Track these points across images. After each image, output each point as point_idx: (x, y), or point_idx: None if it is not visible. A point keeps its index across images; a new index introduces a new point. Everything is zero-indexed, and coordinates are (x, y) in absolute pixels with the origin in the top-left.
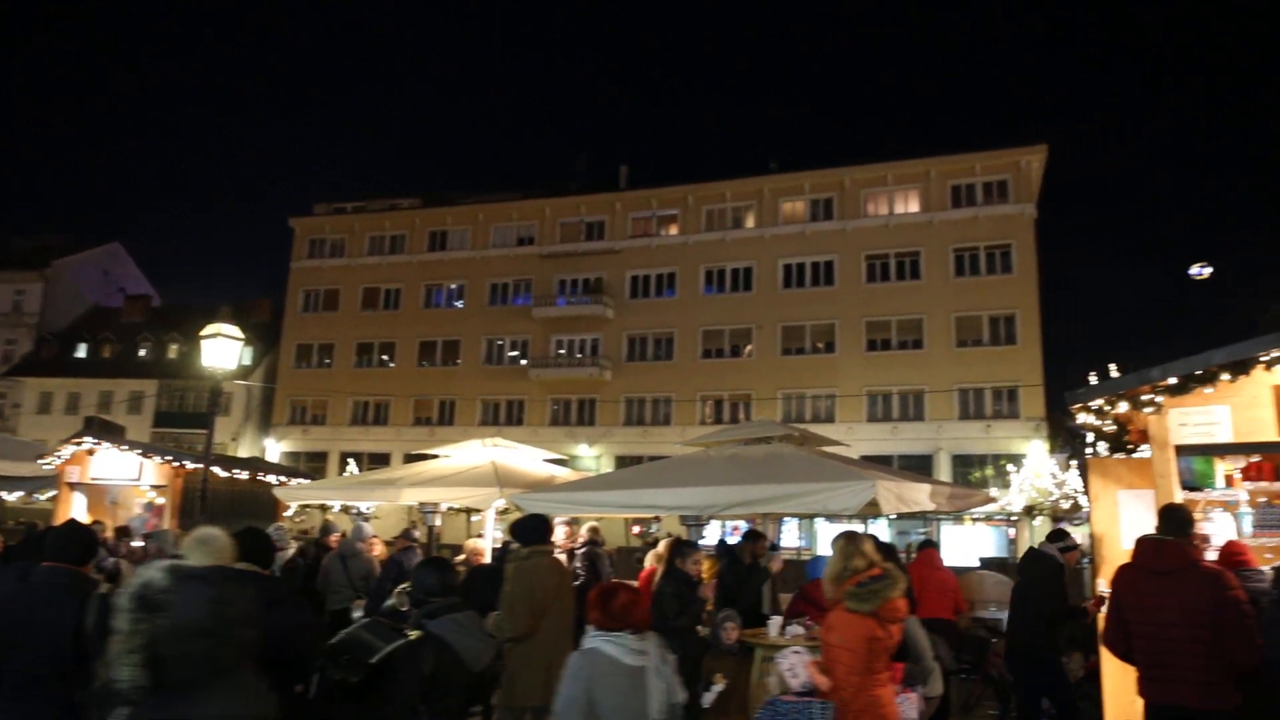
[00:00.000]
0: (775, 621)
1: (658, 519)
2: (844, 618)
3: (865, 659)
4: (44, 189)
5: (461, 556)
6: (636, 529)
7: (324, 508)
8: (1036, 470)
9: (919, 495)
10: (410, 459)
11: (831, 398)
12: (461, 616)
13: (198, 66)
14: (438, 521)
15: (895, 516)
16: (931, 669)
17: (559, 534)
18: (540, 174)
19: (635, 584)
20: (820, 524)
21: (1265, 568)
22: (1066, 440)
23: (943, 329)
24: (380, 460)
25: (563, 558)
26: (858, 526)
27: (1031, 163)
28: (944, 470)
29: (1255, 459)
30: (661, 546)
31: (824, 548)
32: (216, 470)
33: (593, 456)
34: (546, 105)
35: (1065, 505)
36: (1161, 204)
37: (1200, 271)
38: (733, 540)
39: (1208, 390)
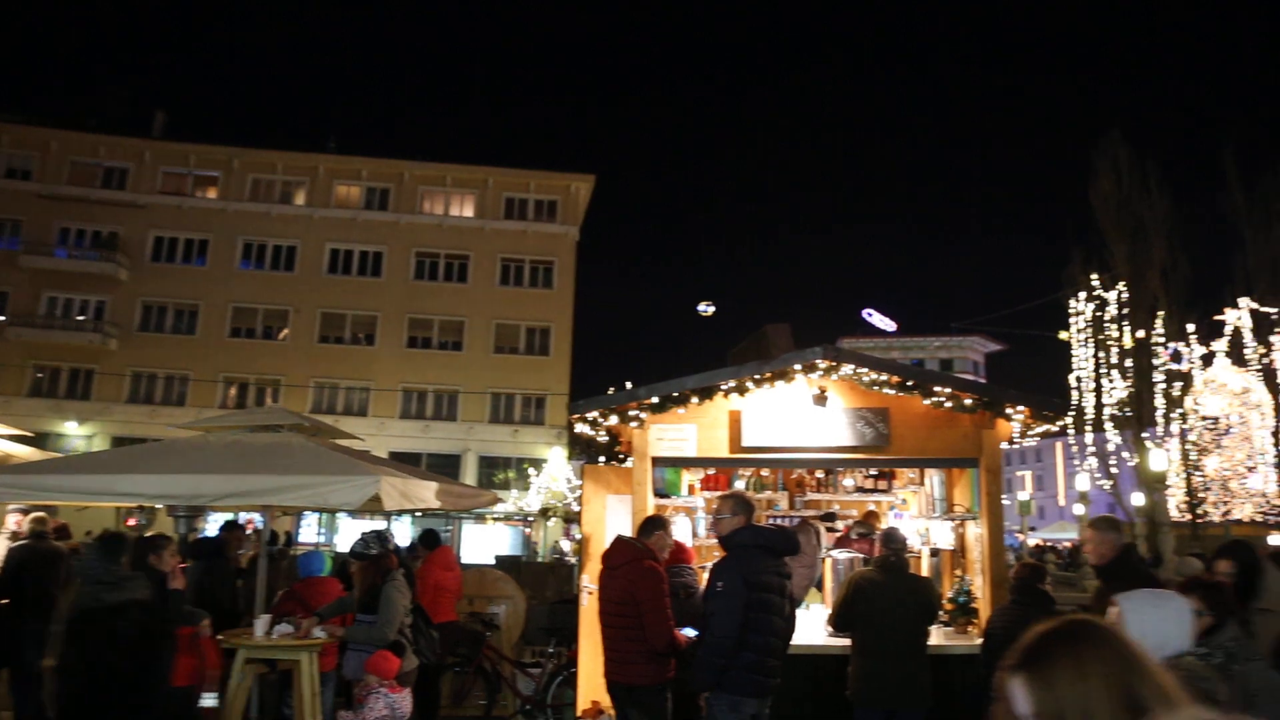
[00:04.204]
0: (263, 620)
1: (143, 508)
2: None
3: None
4: None
5: None
6: (131, 520)
7: None
8: (554, 475)
9: (424, 493)
10: None
11: (367, 391)
12: None
13: None
14: None
15: (420, 514)
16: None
17: (9, 521)
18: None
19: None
20: (343, 519)
21: (701, 565)
22: (583, 449)
23: (483, 334)
24: None
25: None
26: (381, 521)
27: (580, 189)
28: (471, 470)
29: (712, 471)
30: None
31: (343, 543)
32: None
33: (83, 436)
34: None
35: (577, 508)
36: (685, 240)
37: (706, 309)
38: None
39: (681, 410)
